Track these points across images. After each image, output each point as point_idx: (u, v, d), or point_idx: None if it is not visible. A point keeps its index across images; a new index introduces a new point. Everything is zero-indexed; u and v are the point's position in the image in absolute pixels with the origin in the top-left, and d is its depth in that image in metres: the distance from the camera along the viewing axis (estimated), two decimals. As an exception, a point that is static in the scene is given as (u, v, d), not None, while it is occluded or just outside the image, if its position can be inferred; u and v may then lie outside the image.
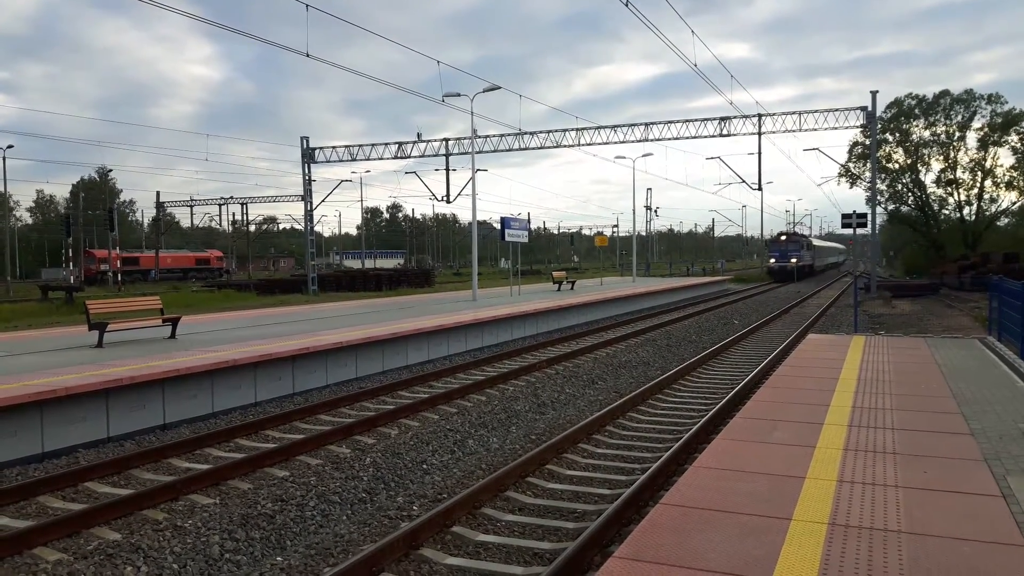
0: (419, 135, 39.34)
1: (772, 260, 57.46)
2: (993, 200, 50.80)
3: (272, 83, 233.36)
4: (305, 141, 39.93)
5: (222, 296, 37.31)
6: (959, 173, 50.11)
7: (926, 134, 50.57)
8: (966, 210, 51.40)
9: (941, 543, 4.23)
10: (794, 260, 55.67)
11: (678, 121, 35.17)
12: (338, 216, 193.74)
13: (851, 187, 53.90)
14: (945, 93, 49.76)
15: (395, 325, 16.37)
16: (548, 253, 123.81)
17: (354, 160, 40.31)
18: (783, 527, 4.49)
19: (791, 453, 6.12)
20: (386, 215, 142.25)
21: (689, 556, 4.09)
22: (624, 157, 52.61)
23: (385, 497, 7.66)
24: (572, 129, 36.25)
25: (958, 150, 49.85)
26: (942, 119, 49.89)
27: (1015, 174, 48.08)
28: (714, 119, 34.70)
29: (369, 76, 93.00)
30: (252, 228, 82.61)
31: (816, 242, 74.06)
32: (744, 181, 40.39)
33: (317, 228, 45.97)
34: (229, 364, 11.21)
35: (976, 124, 48.98)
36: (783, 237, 58.85)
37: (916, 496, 5.04)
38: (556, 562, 5.35)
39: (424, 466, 8.63)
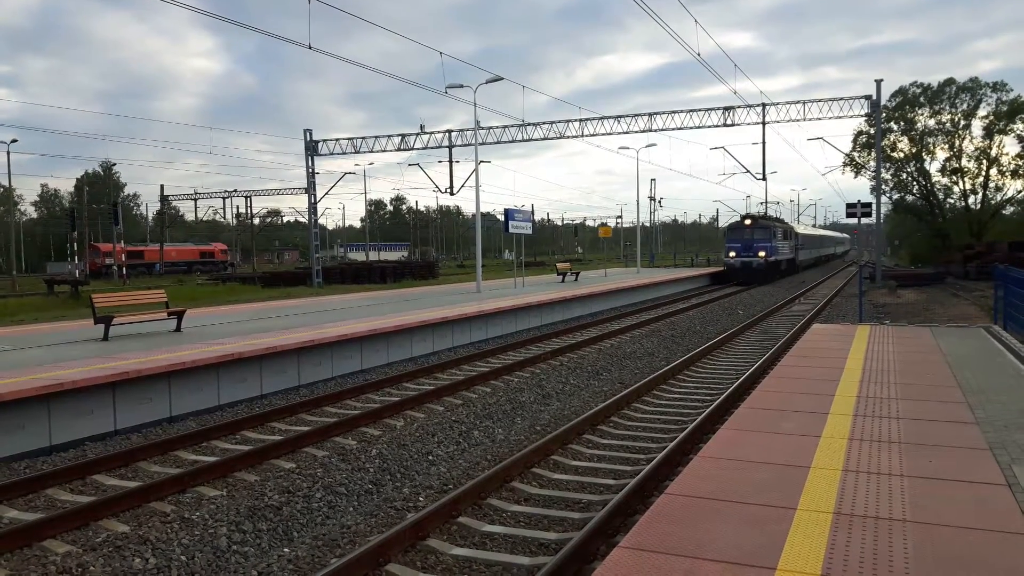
0: (422, 127, 39.39)
1: (731, 254, 41.93)
2: (998, 189, 50.63)
3: (274, 76, 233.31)
4: (308, 134, 39.89)
5: (227, 289, 37.39)
6: (964, 162, 49.89)
7: (931, 122, 50.31)
8: (971, 199, 51.20)
9: (946, 532, 4.24)
10: (762, 253, 40.82)
11: (682, 111, 35.02)
12: (342, 208, 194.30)
13: (856, 176, 53.47)
14: (950, 81, 49.48)
15: (400, 317, 16.40)
16: (552, 244, 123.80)
17: (357, 152, 40.28)
18: (788, 516, 4.50)
19: (796, 443, 6.12)
20: (390, 207, 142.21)
21: (694, 545, 4.10)
22: (628, 148, 51.82)
23: (391, 488, 7.69)
24: (575, 120, 36.14)
25: (963, 138, 49.59)
26: (947, 107, 49.61)
27: (1021, 162, 47.83)
28: (718, 109, 34.56)
29: (372, 68, 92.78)
30: (256, 221, 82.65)
31: (802, 229, 59.26)
32: (748, 171, 40.20)
33: (321, 221, 45.99)
34: (235, 357, 11.25)
35: (981, 112, 48.73)
36: (747, 222, 43.09)
37: (921, 485, 5.04)
38: (562, 552, 5.36)
39: (430, 457, 8.65)
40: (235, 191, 72.88)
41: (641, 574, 3.79)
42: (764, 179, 37.54)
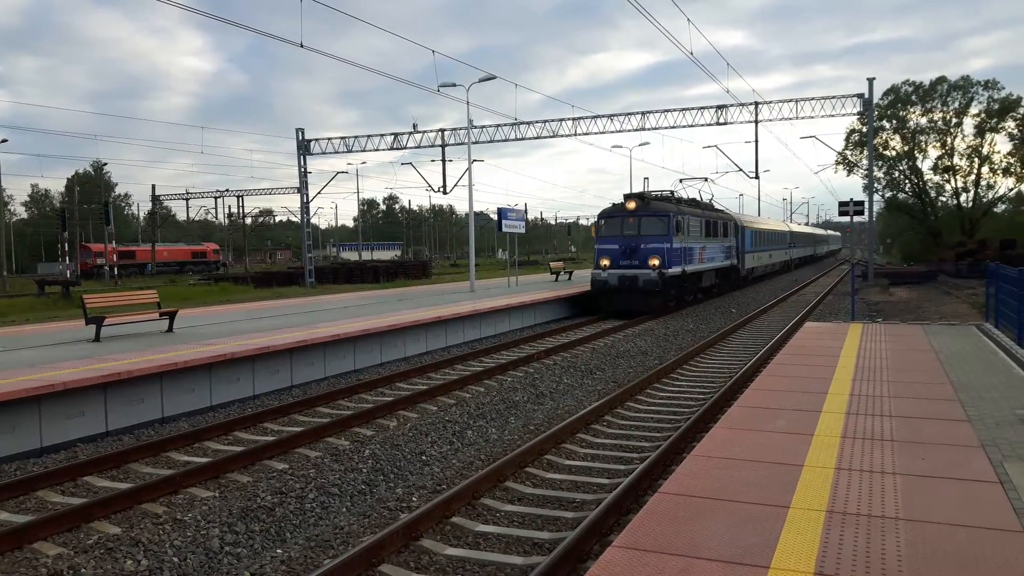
0: (415, 126, 39.26)
1: (603, 262, 23.20)
2: (990, 187, 50.86)
3: (265, 74, 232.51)
4: (300, 133, 39.78)
5: (219, 289, 37.27)
6: (956, 160, 50.10)
7: (923, 121, 50.52)
8: (963, 197, 51.46)
9: (938, 529, 4.25)
10: (655, 261, 22.31)
11: (675, 110, 35.03)
12: (334, 208, 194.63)
13: (848, 175, 53.72)
14: (942, 79, 49.69)
15: (393, 317, 16.36)
16: (545, 243, 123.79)
17: (350, 151, 40.18)
18: (781, 515, 4.51)
19: (789, 441, 6.13)
20: (383, 207, 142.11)
21: (688, 544, 4.10)
22: (621, 146, 51.76)
23: (384, 489, 7.67)
24: (568, 119, 36.11)
25: (955, 137, 49.84)
26: (939, 106, 49.82)
27: (1012, 160, 48.08)
28: (711, 107, 34.56)
29: (364, 67, 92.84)
30: (248, 221, 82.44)
31: (753, 221, 39.14)
32: (741, 170, 40.12)
33: (314, 220, 45.91)
34: (227, 357, 11.20)
35: (973, 110, 48.95)
36: (630, 205, 23.45)
37: (914, 483, 5.05)
38: (555, 552, 5.36)
39: (423, 457, 8.64)
40: (227, 191, 72.54)
41: (635, 573, 3.79)
42: (757, 177, 37.64)
